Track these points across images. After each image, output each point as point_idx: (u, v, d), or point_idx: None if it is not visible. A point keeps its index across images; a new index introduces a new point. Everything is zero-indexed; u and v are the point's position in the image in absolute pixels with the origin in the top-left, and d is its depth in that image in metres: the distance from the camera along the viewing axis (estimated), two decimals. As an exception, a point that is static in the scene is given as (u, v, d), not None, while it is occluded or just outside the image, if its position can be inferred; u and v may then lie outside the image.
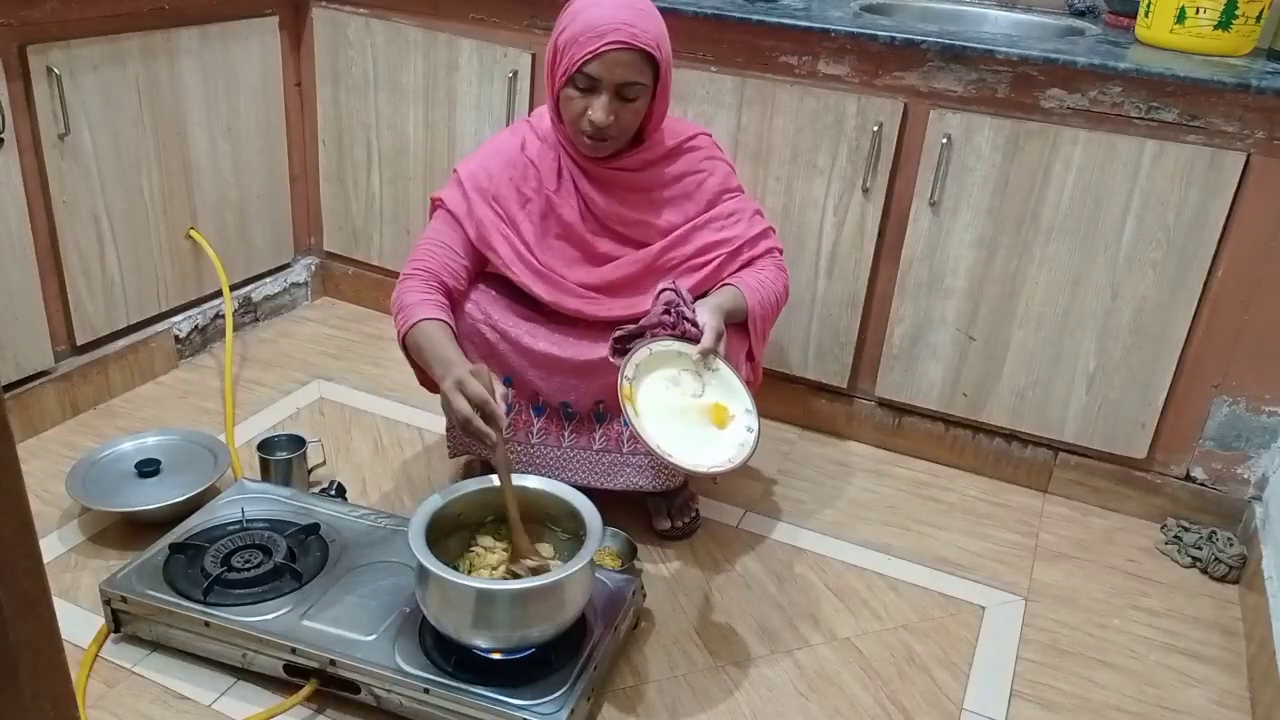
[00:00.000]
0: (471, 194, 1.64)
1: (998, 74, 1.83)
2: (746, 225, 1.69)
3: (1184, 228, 1.77)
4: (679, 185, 1.66)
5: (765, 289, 1.66)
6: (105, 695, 1.42)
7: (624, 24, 1.48)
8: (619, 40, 1.47)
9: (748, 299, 1.63)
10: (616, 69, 1.49)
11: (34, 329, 1.94)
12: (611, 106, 1.52)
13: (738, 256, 1.67)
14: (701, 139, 1.70)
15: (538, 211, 1.65)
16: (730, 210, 1.68)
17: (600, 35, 1.47)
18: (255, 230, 2.44)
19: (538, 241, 1.65)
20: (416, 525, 1.38)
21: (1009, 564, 1.85)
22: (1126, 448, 1.95)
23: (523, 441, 1.73)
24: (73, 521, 1.76)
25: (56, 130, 1.90)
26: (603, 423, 1.72)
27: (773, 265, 1.70)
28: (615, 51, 1.48)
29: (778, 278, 1.69)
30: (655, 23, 1.53)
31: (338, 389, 2.25)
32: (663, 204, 1.66)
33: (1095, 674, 1.61)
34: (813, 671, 1.56)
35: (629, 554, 1.70)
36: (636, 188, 1.65)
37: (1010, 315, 1.95)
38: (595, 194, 1.64)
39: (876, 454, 2.16)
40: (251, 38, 2.28)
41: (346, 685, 1.39)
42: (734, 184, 1.72)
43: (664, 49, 1.54)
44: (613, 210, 1.65)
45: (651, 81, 1.54)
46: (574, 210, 1.65)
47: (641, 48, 1.49)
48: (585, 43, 1.48)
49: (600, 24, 1.48)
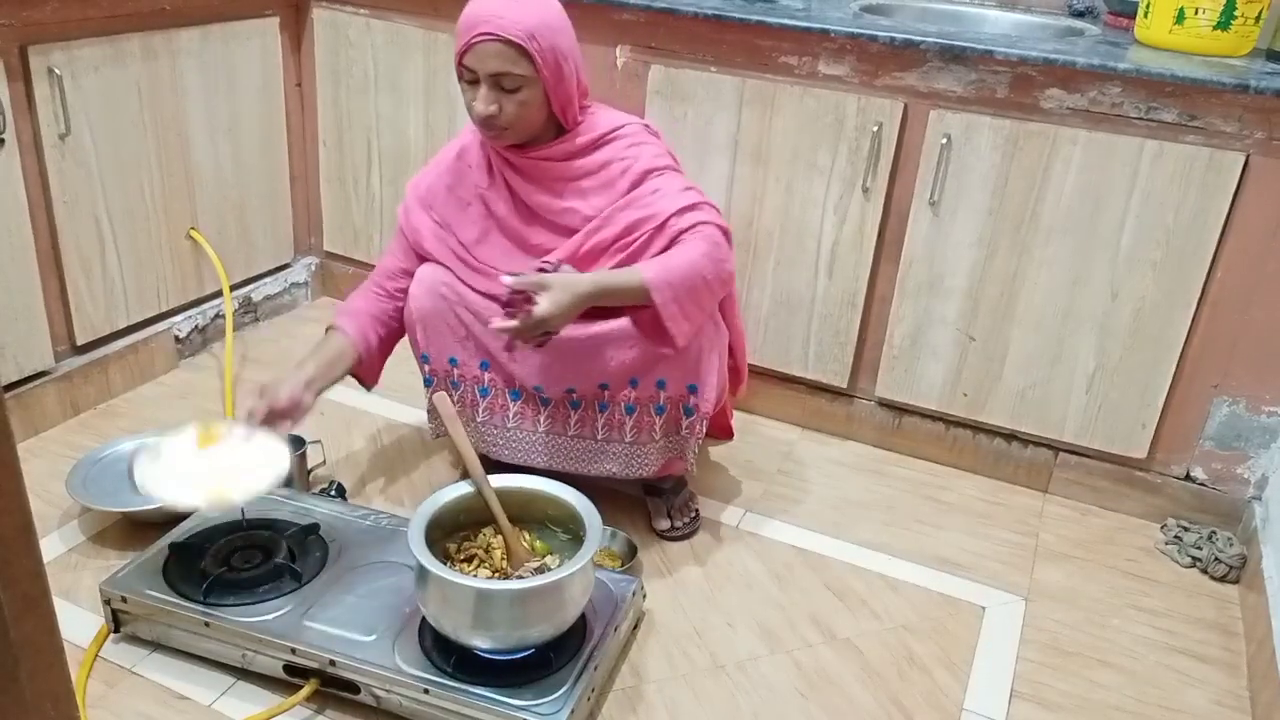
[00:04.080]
0: (412, 204, 1.74)
1: (997, 74, 1.83)
2: (672, 200, 1.60)
3: (1183, 228, 1.77)
4: (603, 173, 1.66)
5: (673, 259, 1.55)
6: (105, 695, 1.42)
7: (493, 15, 1.50)
8: (485, 32, 1.50)
9: (643, 272, 1.52)
10: (488, 60, 1.52)
11: (34, 329, 1.94)
12: (492, 96, 1.55)
13: (663, 230, 1.59)
14: (629, 128, 1.68)
15: (478, 213, 1.70)
16: (655, 187, 1.62)
17: (471, 28, 1.52)
18: (255, 230, 2.44)
19: (478, 240, 1.70)
20: (416, 525, 1.38)
21: (1009, 564, 1.85)
22: (1126, 448, 1.95)
23: (499, 425, 1.74)
24: (73, 521, 1.76)
25: (57, 130, 1.90)
26: (577, 409, 1.71)
27: (696, 237, 1.58)
28: (483, 43, 1.51)
29: (695, 246, 1.56)
30: (531, 13, 1.52)
31: (338, 389, 2.24)
32: (587, 192, 1.66)
33: (1095, 674, 1.61)
34: (813, 671, 1.56)
35: (629, 554, 1.70)
36: (561, 176, 1.66)
37: (1010, 315, 1.95)
38: (522, 184, 1.67)
39: (876, 454, 2.16)
40: (252, 38, 2.29)
41: (346, 685, 1.40)
42: (662, 164, 1.65)
43: (540, 39, 1.52)
44: (539, 200, 1.67)
45: (531, 72, 1.54)
46: (506, 203, 1.69)
47: (509, 38, 1.50)
48: (461, 35, 1.53)
49: (472, 15, 1.52)
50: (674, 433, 1.70)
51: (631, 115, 1.73)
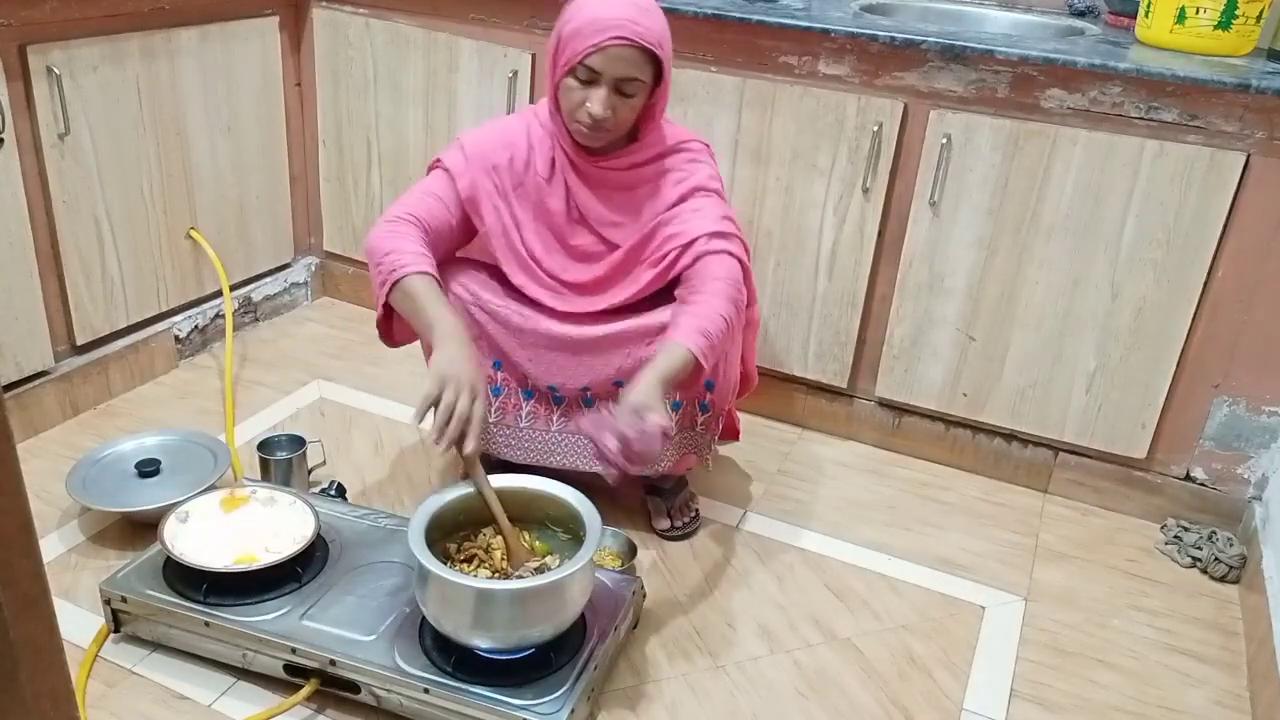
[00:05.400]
0: (472, 158, 1.66)
1: (998, 74, 1.83)
2: (706, 223, 1.60)
3: (1184, 228, 1.77)
4: (660, 182, 1.67)
5: (705, 319, 1.52)
6: (105, 695, 1.42)
7: (628, 20, 1.50)
8: (622, 36, 1.50)
9: (687, 344, 1.49)
10: (618, 64, 1.52)
11: (34, 329, 1.94)
12: (610, 100, 1.54)
13: (689, 249, 1.60)
14: (694, 144, 1.70)
15: (529, 196, 1.68)
16: (697, 206, 1.64)
17: (604, 30, 1.50)
18: (255, 230, 2.44)
19: (524, 223, 1.68)
20: (416, 525, 1.38)
21: (1009, 564, 1.85)
22: (1126, 448, 1.95)
23: (511, 425, 1.74)
24: (73, 521, 1.76)
25: (56, 130, 1.90)
26: (590, 408, 1.72)
27: (720, 281, 1.57)
28: (617, 47, 1.50)
29: (721, 294, 1.55)
30: (658, 21, 1.55)
31: (338, 389, 2.25)
32: (641, 202, 1.66)
33: (1095, 674, 1.61)
34: (813, 671, 1.56)
35: (629, 554, 1.70)
36: (621, 185, 1.66)
37: (1010, 315, 1.95)
38: (581, 189, 1.66)
39: (876, 454, 2.16)
40: (251, 38, 2.28)
41: (346, 685, 1.39)
42: (713, 186, 1.67)
43: (665, 48, 1.56)
44: (593, 208, 1.66)
45: (651, 79, 1.56)
46: (560, 201, 1.67)
47: (644, 45, 1.51)
48: (589, 35, 1.51)
49: (605, 18, 1.50)
50: (689, 429, 1.71)
51: (696, 133, 1.75)
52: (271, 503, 1.61)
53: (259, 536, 1.54)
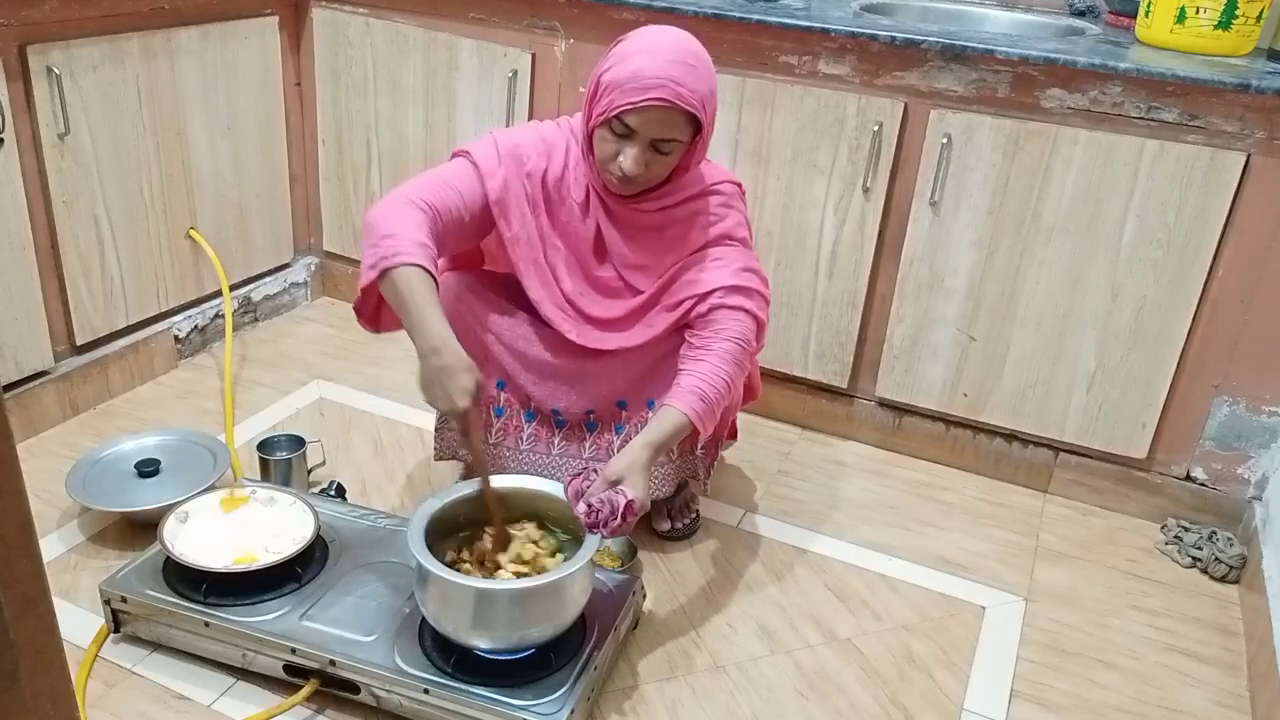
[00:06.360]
0: (506, 159, 1.56)
1: (998, 74, 1.83)
2: (726, 275, 1.57)
3: (1184, 228, 1.77)
4: (690, 223, 1.62)
5: (706, 384, 1.51)
6: (105, 695, 1.42)
7: (671, 81, 1.41)
8: (662, 98, 1.41)
9: (683, 409, 1.48)
10: (655, 125, 1.44)
11: (34, 329, 1.94)
12: (644, 157, 1.47)
13: (705, 300, 1.57)
14: (726, 186, 1.64)
15: (559, 215, 1.61)
16: (719, 255, 1.60)
17: (645, 89, 1.41)
18: (255, 230, 2.44)
19: (550, 239, 1.61)
20: (416, 526, 1.38)
21: (1009, 564, 1.85)
22: (1127, 448, 1.95)
23: (512, 447, 1.73)
24: (73, 521, 1.76)
25: (56, 130, 1.90)
26: (593, 432, 1.71)
27: (730, 342, 1.55)
28: (658, 108, 1.42)
29: (728, 357, 1.53)
30: (704, 81, 1.45)
31: (338, 389, 2.25)
32: (668, 244, 1.62)
33: (1095, 674, 1.61)
34: (813, 671, 1.56)
35: (629, 554, 1.70)
36: (650, 227, 1.61)
37: (1010, 315, 1.95)
38: (610, 228, 1.61)
39: (876, 454, 2.16)
40: (251, 38, 2.28)
41: (346, 685, 1.39)
42: (740, 234, 1.62)
43: (709, 107, 1.47)
44: (618, 249, 1.62)
45: (689, 137, 1.49)
46: (590, 231, 1.61)
47: (686, 108, 1.43)
48: (628, 91, 1.42)
49: (647, 76, 1.41)
50: (689, 453, 1.71)
51: (729, 171, 1.70)
52: (271, 503, 1.61)
53: (259, 537, 1.54)
